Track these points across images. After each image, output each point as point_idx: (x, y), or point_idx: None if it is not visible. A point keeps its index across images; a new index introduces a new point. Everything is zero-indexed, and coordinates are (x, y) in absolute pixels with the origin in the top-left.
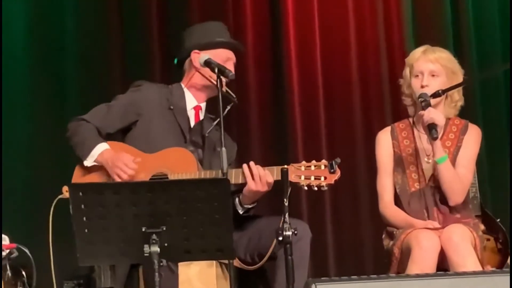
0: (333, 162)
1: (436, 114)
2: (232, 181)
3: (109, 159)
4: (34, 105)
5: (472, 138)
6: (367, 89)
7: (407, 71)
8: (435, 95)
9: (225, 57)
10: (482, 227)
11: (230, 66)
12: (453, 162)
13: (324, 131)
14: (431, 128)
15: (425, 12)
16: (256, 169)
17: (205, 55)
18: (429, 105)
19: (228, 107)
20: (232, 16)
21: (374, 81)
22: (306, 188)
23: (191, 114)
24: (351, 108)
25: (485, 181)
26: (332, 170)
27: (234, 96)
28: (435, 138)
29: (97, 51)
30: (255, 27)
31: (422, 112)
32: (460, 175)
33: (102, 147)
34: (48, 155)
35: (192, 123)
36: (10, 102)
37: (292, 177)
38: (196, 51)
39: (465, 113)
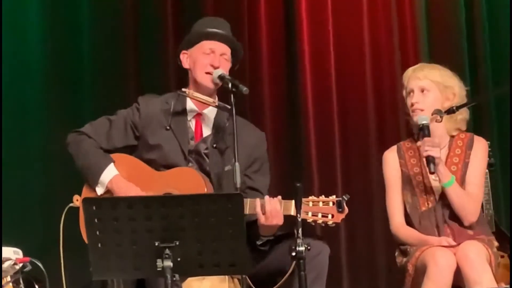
0: (342, 200)
1: (431, 147)
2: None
3: (118, 189)
4: (48, 116)
5: (479, 153)
6: (381, 99)
7: (403, 92)
8: (449, 111)
9: (207, 49)
10: (496, 243)
11: (215, 58)
12: (463, 178)
13: (338, 145)
14: (428, 162)
15: (440, 28)
16: (270, 204)
17: (218, 70)
18: (425, 135)
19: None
20: (248, 37)
21: (387, 92)
22: (313, 224)
23: (192, 125)
24: (365, 120)
25: (500, 198)
26: (340, 210)
27: (228, 106)
28: (432, 173)
29: (113, 61)
30: (270, 40)
31: (419, 143)
32: (470, 193)
33: (110, 173)
34: (60, 166)
35: (194, 135)
36: (25, 111)
37: None
38: (184, 51)
39: (481, 129)
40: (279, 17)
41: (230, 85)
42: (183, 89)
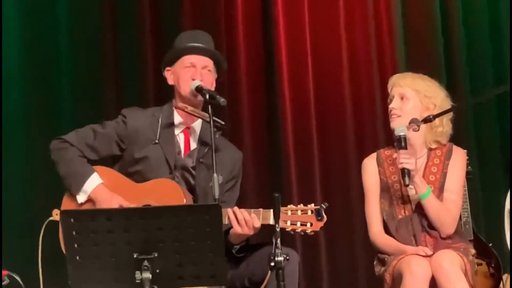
0: (320, 208)
1: (407, 159)
2: None
3: (101, 200)
4: (28, 123)
5: (458, 163)
6: (359, 107)
7: (388, 100)
8: (426, 120)
9: (188, 63)
10: (473, 251)
11: (196, 72)
12: (441, 188)
13: (317, 153)
14: (403, 174)
15: (417, 35)
16: (241, 214)
17: (196, 81)
18: (401, 147)
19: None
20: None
21: (367, 102)
22: (292, 232)
23: (180, 138)
24: (343, 128)
25: (479, 206)
26: (319, 218)
27: (223, 122)
28: (407, 185)
29: (92, 68)
30: (248, 51)
31: (395, 155)
32: (447, 201)
33: (94, 182)
34: (39, 179)
35: (182, 149)
36: (6, 119)
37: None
38: (168, 68)
39: (458, 137)
40: (257, 26)
41: (207, 96)
42: (179, 104)
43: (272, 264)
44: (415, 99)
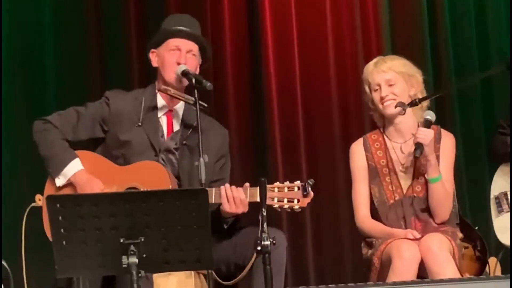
0: (306, 184)
1: (423, 134)
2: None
3: (81, 184)
4: (10, 106)
5: (448, 148)
6: (345, 94)
7: (366, 87)
8: (412, 103)
9: (173, 47)
10: (460, 235)
11: (181, 56)
12: None
13: (303, 140)
14: (416, 147)
15: (403, 23)
16: (231, 191)
17: (182, 65)
18: (429, 125)
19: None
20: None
21: (352, 90)
22: (279, 209)
23: (163, 121)
24: (330, 117)
25: (463, 189)
26: (305, 193)
27: (206, 105)
28: (416, 158)
29: (76, 50)
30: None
31: (381, 139)
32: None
33: (74, 168)
34: (21, 164)
35: (165, 132)
36: None
37: None
38: (153, 49)
39: (444, 122)
40: (243, 11)
41: (193, 80)
42: (162, 87)
43: (259, 248)
44: (401, 81)
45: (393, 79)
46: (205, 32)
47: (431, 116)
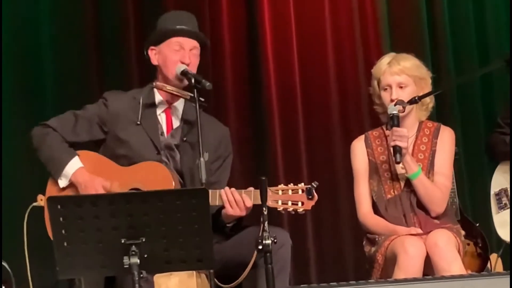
0: (311, 187)
1: (399, 137)
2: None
3: (82, 182)
4: (11, 108)
5: (446, 142)
6: (344, 92)
7: (375, 82)
8: (412, 101)
9: (176, 45)
10: (463, 232)
11: (185, 55)
12: (430, 166)
13: (303, 139)
14: (395, 152)
15: (401, 18)
16: (232, 195)
17: (181, 65)
18: (394, 125)
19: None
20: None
21: (351, 88)
22: (283, 212)
23: (162, 118)
24: (329, 115)
25: (464, 186)
26: (310, 197)
27: (203, 99)
28: (398, 163)
29: (74, 50)
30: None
31: (388, 132)
32: (438, 184)
33: (74, 166)
34: (22, 165)
35: (165, 129)
36: None
37: (269, 202)
38: (152, 47)
39: (443, 118)
40: (242, 7)
41: (193, 80)
42: (157, 83)
43: (260, 247)
44: (412, 84)
45: (404, 82)
46: (204, 31)
47: (395, 110)
